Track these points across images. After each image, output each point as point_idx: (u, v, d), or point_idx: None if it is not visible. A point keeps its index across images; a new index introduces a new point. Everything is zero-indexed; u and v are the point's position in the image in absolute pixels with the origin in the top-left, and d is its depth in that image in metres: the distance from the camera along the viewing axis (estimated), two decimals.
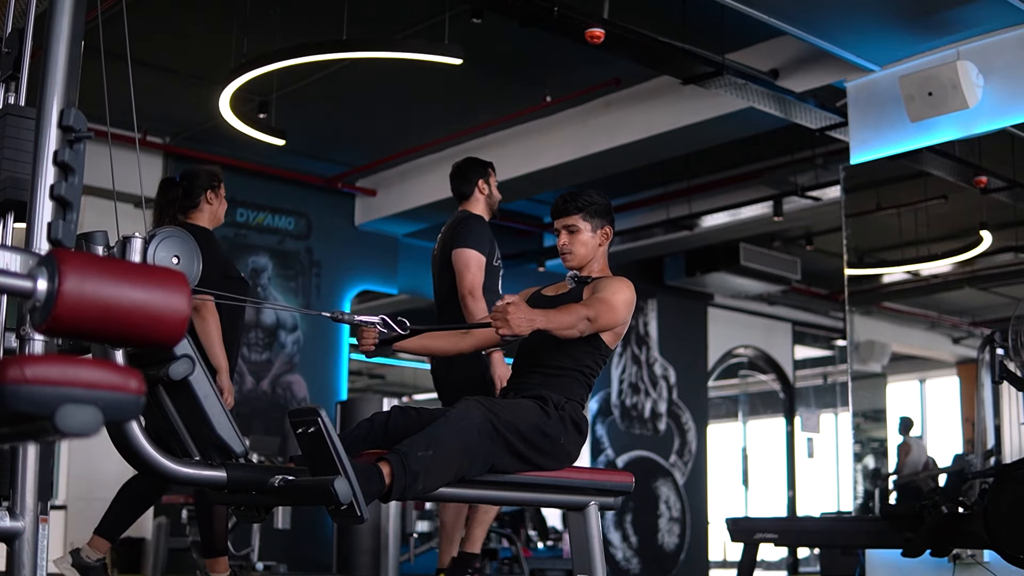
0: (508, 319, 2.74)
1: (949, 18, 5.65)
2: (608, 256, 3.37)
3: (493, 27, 5.98)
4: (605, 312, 3.00)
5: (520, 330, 2.75)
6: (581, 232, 3.24)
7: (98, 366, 1.26)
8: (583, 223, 3.24)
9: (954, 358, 10.81)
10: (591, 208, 3.25)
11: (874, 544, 5.79)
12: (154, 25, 6.57)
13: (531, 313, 2.80)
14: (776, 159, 8.40)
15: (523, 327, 2.75)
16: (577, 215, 3.24)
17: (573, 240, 3.24)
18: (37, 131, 1.99)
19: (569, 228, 3.24)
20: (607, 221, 3.29)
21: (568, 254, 3.24)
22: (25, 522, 1.88)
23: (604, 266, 3.32)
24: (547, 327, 2.83)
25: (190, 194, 4.37)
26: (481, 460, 2.68)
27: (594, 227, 3.25)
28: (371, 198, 9.47)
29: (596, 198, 3.28)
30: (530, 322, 2.77)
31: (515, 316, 2.74)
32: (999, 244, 8.12)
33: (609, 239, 3.30)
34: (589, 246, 3.25)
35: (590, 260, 3.26)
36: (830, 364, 13.80)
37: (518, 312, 2.75)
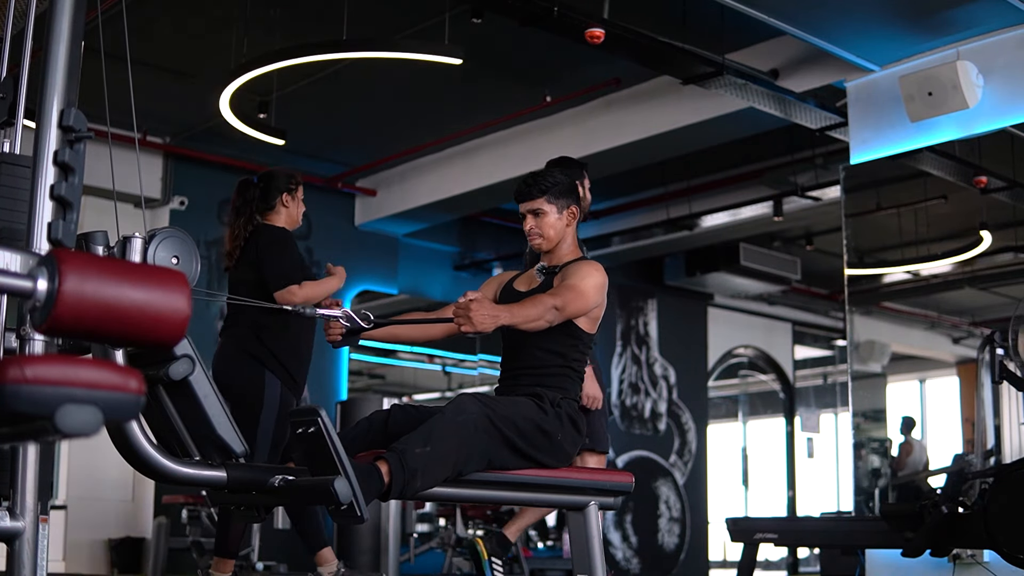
0: (471, 316, 2.69)
1: (949, 18, 5.65)
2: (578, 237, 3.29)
3: (493, 27, 5.98)
4: (573, 299, 2.95)
5: (483, 327, 2.70)
6: (547, 215, 3.15)
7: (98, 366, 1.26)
8: (548, 205, 3.15)
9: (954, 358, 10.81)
10: (555, 189, 3.15)
11: (874, 544, 5.79)
12: (154, 25, 6.57)
13: (494, 309, 2.75)
14: (776, 159, 8.40)
15: (486, 324, 2.70)
16: (541, 198, 3.14)
17: (540, 223, 3.15)
18: (37, 131, 1.99)
19: (535, 212, 3.15)
20: (573, 200, 3.20)
21: (538, 239, 3.16)
22: (25, 522, 1.88)
23: (574, 246, 3.24)
24: (512, 322, 2.79)
25: (266, 196, 4.38)
26: (479, 455, 2.67)
27: (560, 208, 3.16)
28: (371, 198, 9.47)
29: (560, 178, 3.19)
30: (493, 319, 2.72)
31: (478, 313, 2.69)
32: (999, 244, 8.12)
33: (576, 218, 3.21)
34: (557, 228, 3.16)
35: (559, 242, 3.18)
36: (830, 364, 13.80)
37: (481, 309, 2.71)
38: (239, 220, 4.35)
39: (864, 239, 7.86)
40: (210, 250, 8.71)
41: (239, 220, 4.35)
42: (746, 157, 8.56)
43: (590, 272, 3.04)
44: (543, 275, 3.18)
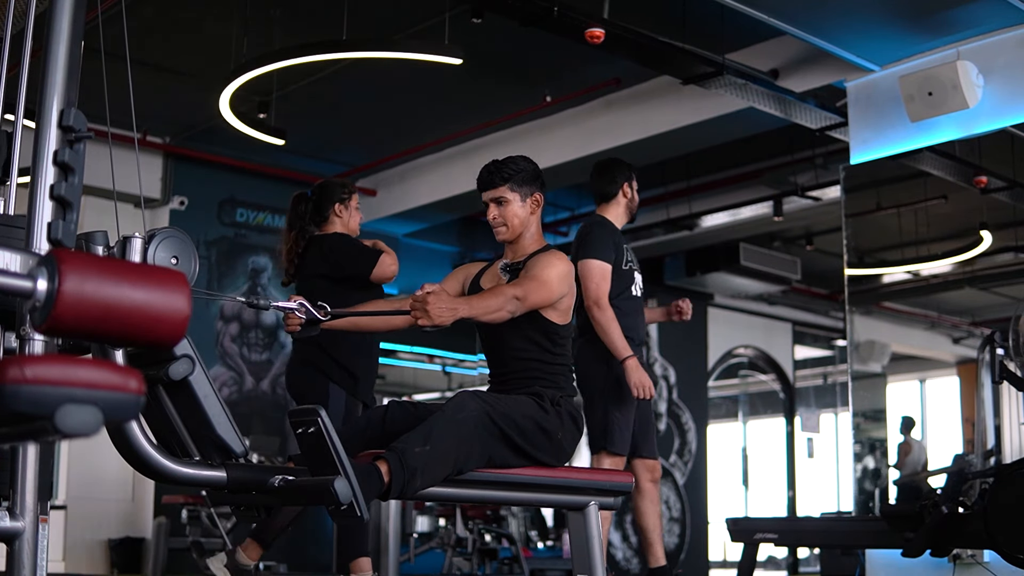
0: (428, 310, 2.64)
1: (949, 18, 5.65)
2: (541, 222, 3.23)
3: (493, 27, 5.98)
4: (536, 288, 2.87)
5: (441, 321, 2.64)
6: (511, 203, 3.07)
7: (98, 366, 1.26)
8: (511, 193, 3.06)
9: (954, 358, 10.81)
10: (518, 176, 3.07)
11: (874, 544, 5.79)
12: (154, 25, 6.57)
13: (452, 302, 2.69)
14: (776, 159, 8.40)
15: (444, 317, 2.64)
16: (504, 186, 3.06)
17: (503, 212, 3.07)
18: (37, 131, 1.99)
19: (498, 200, 3.07)
20: (536, 187, 3.12)
21: (501, 228, 3.09)
22: (25, 522, 1.88)
23: (538, 235, 3.16)
24: (471, 315, 2.73)
25: (319, 208, 4.38)
26: (478, 453, 2.67)
27: (523, 195, 3.08)
28: (371, 198, 9.47)
29: (523, 164, 3.10)
30: (452, 311, 2.66)
31: (435, 306, 2.64)
32: (999, 244, 8.13)
33: (540, 205, 3.13)
34: (520, 216, 3.08)
35: (523, 231, 3.10)
36: (830, 364, 13.79)
37: (438, 302, 2.65)
38: (291, 234, 4.37)
39: (864, 239, 7.87)
40: (210, 250, 8.71)
41: (291, 234, 4.37)
42: (746, 157, 8.56)
43: (552, 261, 2.97)
44: (507, 273, 3.11)
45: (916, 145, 6.20)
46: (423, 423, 2.61)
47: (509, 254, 3.15)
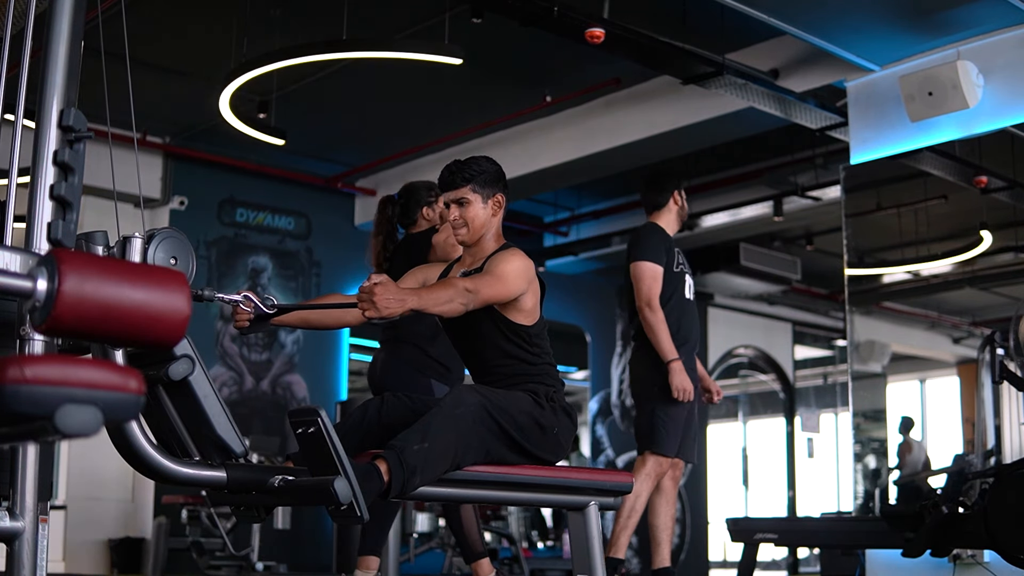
0: (375, 300, 2.55)
1: (949, 18, 5.65)
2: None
3: (493, 27, 5.98)
4: (490, 283, 2.81)
5: (388, 312, 2.56)
6: (472, 204, 3.01)
7: (98, 366, 1.26)
8: (473, 194, 3.00)
9: (954, 358, 10.81)
10: (480, 177, 3.01)
11: (874, 544, 5.79)
12: (154, 25, 6.57)
13: (400, 293, 2.61)
14: (776, 159, 8.40)
15: (392, 308, 2.57)
16: (466, 187, 3.00)
17: (464, 214, 3.01)
18: (37, 131, 1.99)
19: (459, 201, 3.01)
20: (499, 188, 3.06)
21: (462, 229, 3.03)
22: (25, 522, 1.88)
23: (498, 236, 3.09)
24: (420, 306, 2.65)
25: (407, 211, 4.41)
26: (476, 447, 2.66)
27: (485, 197, 3.02)
28: (371, 198, 9.47)
29: (485, 165, 3.05)
30: (400, 302, 2.58)
31: (382, 297, 2.55)
32: (999, 244, 8.12)
33: (502, 207, 3.07)
34: (481, 218, 3.02)
35: (484, 232, 3.04)
36: (830, 364, 13.80)
37: (386, 292, 2.56)
38: (379, 238, 4.43)
39: (864, 239, 7.86)
40: (210, 250, 8.71)
41: (379, 238, 4.43)
42: (746, 157, 8.56)
43: (507, 257, 2.91)
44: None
45: (916, 145, 6.20)
46: (421, 419, 2.61)
47: (468, 259, 3.10)
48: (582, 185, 8.89)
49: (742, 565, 5.85)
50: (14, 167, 2.13)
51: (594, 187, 9.08)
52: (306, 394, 9.02)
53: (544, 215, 9.97)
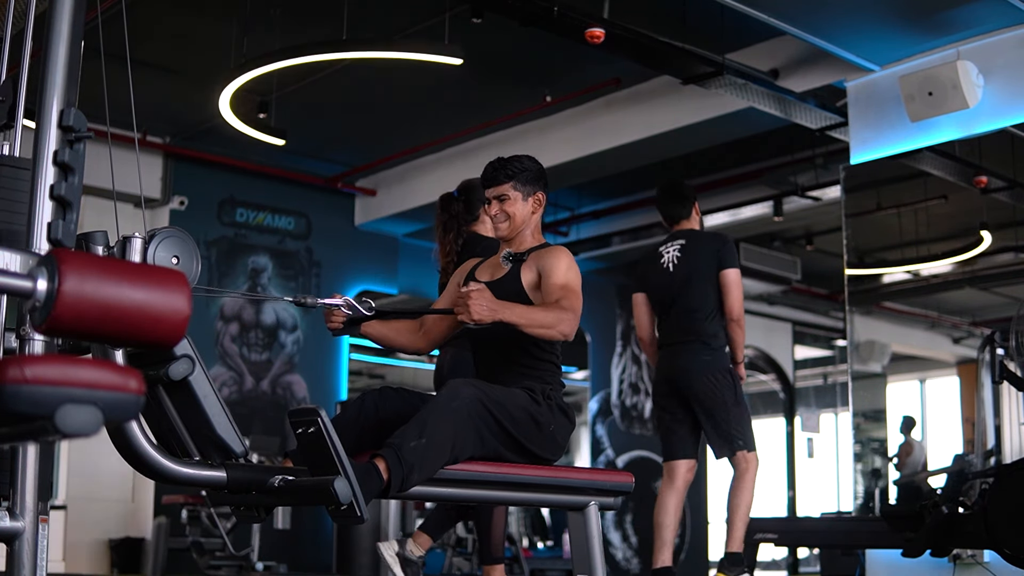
0: (469, 304, 2.66)
1: (949, 18, 5.65)
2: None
3: (493, 27, 5.98)
4: (575, 301, 2.90)
5: (479, 317, 2.66)
6: (512, 201, 3.10)
7: (98, 366, 1.26)
8: (514, 191, 3.09)
9: (954, 358, 10.80)
10: (523, 175, 3.10)
11: (874, 544, 5.79)
12: (154, 25, 6.57)
13: (495, 303, 2.71)
14: (776, 159, 8.40)
15: (483, 315, 2.67)
16: (508, 183, 3.09)
17: (505, 209, 3.10)
18: (37, 131, 1.98)
19: (500, 197, 3.10)
20: (540, 186, 3.15)
21: (503, 223, 3.11)
22: (25, 522, 1.88)
23: (538, 233, 3.19)
24: (516, 322, 2.74)
25: (470, 208, 4.44)
26: (473, 439, 2.66)
27: (526, 194, 3.11)
28: (371, 198, 9.47)
29: (527, 163, 3.13)
30: (492, 312, 2.69)
31: (476, 303, 2.66)
32: (999, 244, 8.12)
33: (543, 205, 3.16)
34: (522, 214, 3.11)
35: (523, 228, 3.13)
36: (830, 364, 13.80)
37: (480, 299, 2.67)
38: (448, 235, 4.41)
39: (864, 239, 7.86)
40: (210, 250, 8.71)
41: (448, 235, 4.41)
42: (746, 157, 8.56)
43: (567, 263, 2.98)
44: (509, 262, 3.11)
45: (916, 145, 6.20)
46: (417, 415, 2.60)
47: (505, 248, 3.16)
48: (582, 185, 8.89)
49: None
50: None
51: (594, 187, 9.08)
52: (306, 394, 9.02)
53: (544, 215, 9.96)
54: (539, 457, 2.84)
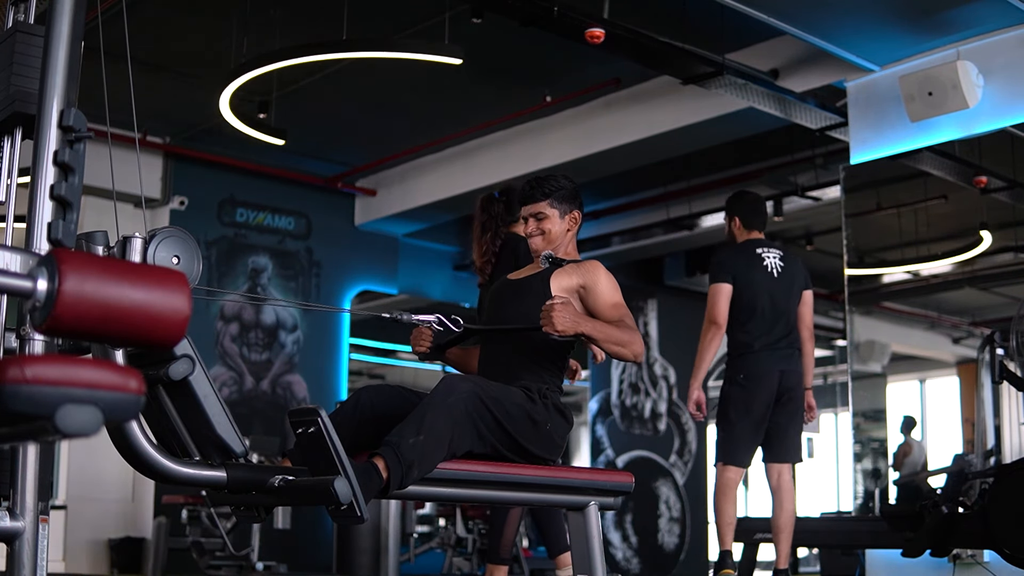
0: (552, 316, 2.74)
1: (949, 18, 5.65)
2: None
3: (493, 27, 5.98)
4: (631, 319, 2.98)
5: (563, 328, 2.75)
6: (549, 219, 3.15)
7: (98, 366, 1.26)
8: (551, 209, 3.14)
9: (954, 358, 10.80)
10: (559, 193, 3.15)
11: (874, 544, 5.79)
12: (154, 25, 6.57)
13: (578, 316, 2.81)
14: (776, 159, 8.40)
15: (566, 326, 2.76)
16: (544, 201, 3.14)
17: (541, 227, 3.15)
18: (37, 131, 1.98)
19: (537, 216, 3.15)
20: (575, 205, 3.20)
21: (537, 237, 3.16)
22: (25, 522, 1.88)
23: (573, 251, 3.24)
24: (595, 335, 2.83)
25: (511, 209, 4.45)
26: (470, 434, 2.66)
27: (562, 212, 3.16)
28: (371, 198, 9.47)
29: (564, 182, 3.19)
30: (575, 324, 2.78)
31: (560, 315, 2.75)
32: (999, 244, 8.12)
33: (578, 224, 3.21)
34: (557, 231, 3.16)
35: (557, 245, 3.17)
36: (830, 364, 13.79)
37: (564, 312, 2.76)
38: (486, 235, 4.43)
39: (864, 239, 7.86)
40: (210, 250, 8.71)
41: (486, 235, 4.43)
42: (746, 157, 8.56)
43: (608, 279, 3.05)
44: (548, 262, 3.13)
45: (916, 145, 6.20)
46: (414, 411, 2.60)
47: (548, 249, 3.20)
48: (582, 185, 8.87)
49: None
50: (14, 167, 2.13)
51: (594, 187, 9.08)
52: (306, 394, 9.02)
53: None
54: (537, 456, 2.84)
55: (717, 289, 4.75)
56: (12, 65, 2.13)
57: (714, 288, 4.75)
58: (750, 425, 4.76)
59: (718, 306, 4.72)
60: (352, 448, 2.59)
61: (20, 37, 2.15)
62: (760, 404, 4.76)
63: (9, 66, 2.14)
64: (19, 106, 2.10)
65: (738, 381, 4.75)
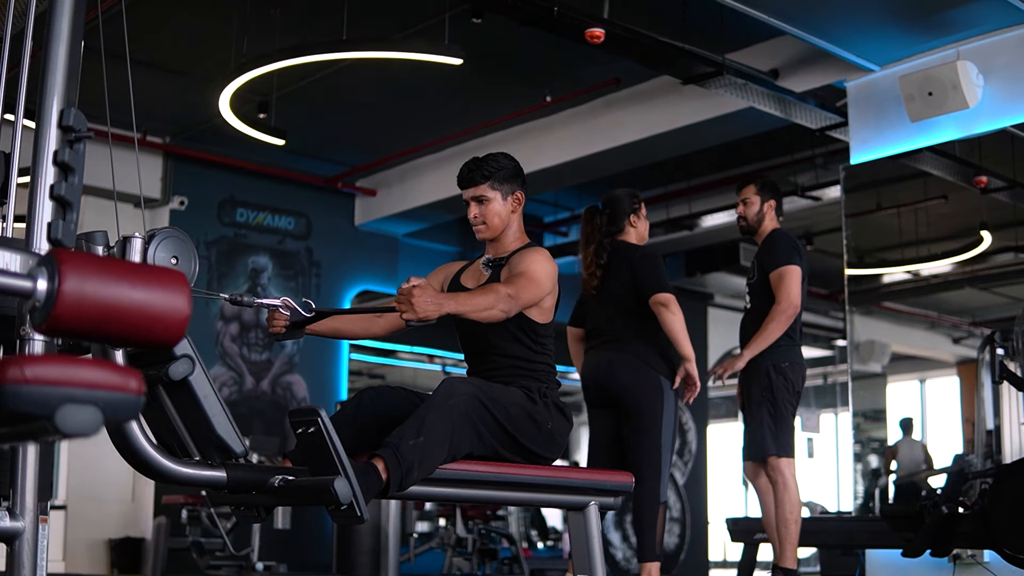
0: (413, 302, 2.54)
1: (949, 18, 5.65)
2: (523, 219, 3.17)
3: (493, 27, 5.98)
4: (526, 285, 2.83)
5: (425, 314, 2.54)
6: (491, 201, 3.04)
7: (98, 366, 1.25)
8: (492, 191, 3.04)
9: (954, 358, 10.81)
10: (499, 174, 3.03)
11: (874, 544, 5.79)
12: (154, 25, 6.57)
13: (438, 296, 2.60)
14: (776, 159, 8.40)
15: (429, 311, 2.55)
16: (484, 184, 3.03)
17: (484, 211, 3.05)
18: (37, 131, 1.98)
19: (478, 199, 3.05)
20: (518, 184, 3.07)
21: (481, 226, 3.07)
22: (25, 522, 1.88)
23: (520, 233, 3.13)
24: (459, 311, 2.65)
25: (614, 219, 4.46)
26: (471, 436, 2.65)
27: (504, 193, 3.05)
28: (371, 198, 9.47)
29: (504, 162, 3.05)
30: (437, 306, 2.56)
31: (420, 299, 2.53)
32: (999, 244, 8.13)
33: (522, 203, 3.11)
34: (501, 215, 3.06)
35: (504, 229, 3.08)
36: (830, 364, 13.79)
37: (424, 295, 2.54)
38: (590, 247, 4.44)
39: (864, 239, 7.87)
40: (210, 250, 8.71)
41: (590, 247, 4.44)
42: (746, 157, 8.56)
43: (537, 258, 2.94)
44: (490, 268, 3.08)
45: (916, 145, 6.20)
46: (415, 413, 2.59)
47: (491, 251, 3.14)
48: (582, 185, 8.89)
49: (742, 565, 5.86)
50: (14, 167, 2.13)
51: (594, 187, 9.08)
52: (306, 394, 9.02)
53: (544, 215, 9.97)
54: (538, 456, 2.83)
55: (796, 272, 4.62)
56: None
57: (793, 271, 4.60)
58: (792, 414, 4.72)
59: (798, 289, 4.63)
60: (353, 449, 2.59)
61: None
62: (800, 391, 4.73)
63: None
64: None
65: (783, 371, 4.69)
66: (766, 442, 4.56)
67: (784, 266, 4.59)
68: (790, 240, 4.74)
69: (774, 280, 4.57)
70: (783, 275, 4.58)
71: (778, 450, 4.56)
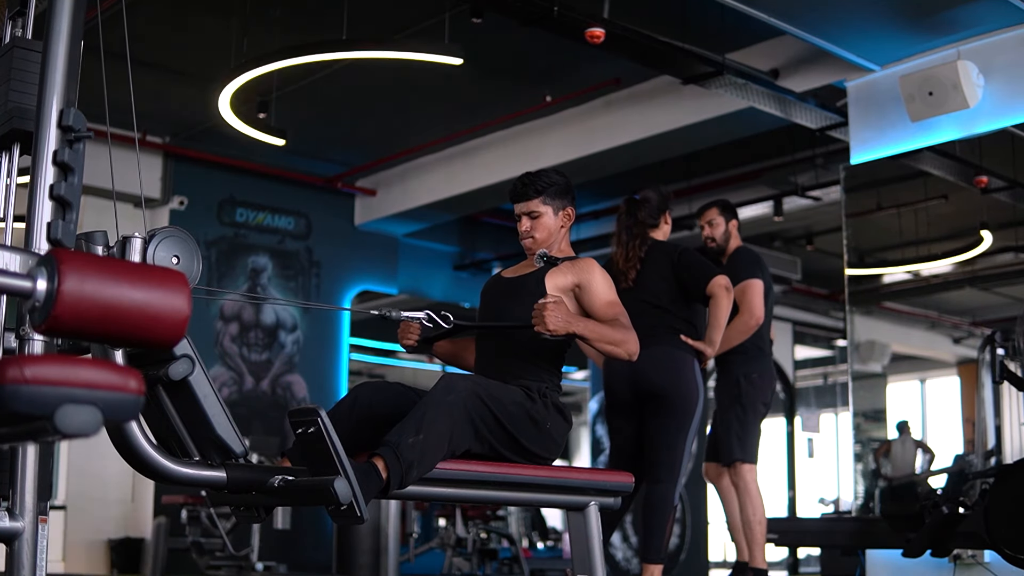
0: (544, 315, 2.73)
1: (949, 18, 5.65)
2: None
3: (493, 27, 5.98)
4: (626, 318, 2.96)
5: (555, 328, 2.74)
6: (543, 216, 3.10)
7: (98, 366, 1.25)
8: (543, 207, 3.10)
9: (954, 358, 10.81)
10: (551, 190, 3.10)
11: (874, 544, 5.79)
12: (154, 25, 6.57)
13: (571, 316, 2.79)
14: (776, 159, 8.40)
15: (558, 326, 2.75)
16: (537, 199, 3.09)
17: (535, 226, 3.10)
18: (37, 131, 1.98)
19: (531, 214, 3.11)
20: (568, 201, 3.14)
21: (529, 240, 3.12)
22: (25, 522, 1.88)
23: (567, 248, 3.19)
24: (587, 335, 2.82)
25: (652, 214, 4.52)
26: (469, 433, 2.65)
27: (555, 209, 3.11)
28: (371, 198, 9.47)
29: (556, 178, 3.12)
30: (567, 323, 2.77)
31: (552, 315, 2.74)
32: (999, 244, 8.13)
33: (571, 220, 3.16)
34: (551, 230, 3.11)
35: (551, 243, 3.13)
36: (830, 364, 13.80)
37: (556, 311, 2.75)
38: (634, 240, 4.46)
39: (864, 239, 7.87)
40: (210, 250, 8.71)
41: (634, 240, 4.46)
42: (746, 157, 8.56)
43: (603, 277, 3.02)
44: (543, 262, 3.10)
45: (916, 145, 6.20)
46: (413, 410, 2.59)
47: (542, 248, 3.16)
48: (582, 185, 8.89)
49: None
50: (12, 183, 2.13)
51: (594, 187, 9.08)
52: (306, 394, 9.02)
53: None
54: (536, 455, 2.83)
55: (759, 286, 4.72)
56: (10, 81, 2.11)
57: (756, 284, 4.70)
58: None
59: (760, 301, 4.70)
60: (351, 446, 2.59)
61: (18, 52, 2.13)
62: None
63: (7, 82, 2.12)
64: (17, 123, 2.08)
65: (753, 380, 4.77)
66: (733, 447, 4.70)
67: (747, 280, 4.71)
68: (753, 255, 4.91)
69: (738, 294, 4.62)
70: (746, 289, 4.68)
71: (744, 456, 4.69)
